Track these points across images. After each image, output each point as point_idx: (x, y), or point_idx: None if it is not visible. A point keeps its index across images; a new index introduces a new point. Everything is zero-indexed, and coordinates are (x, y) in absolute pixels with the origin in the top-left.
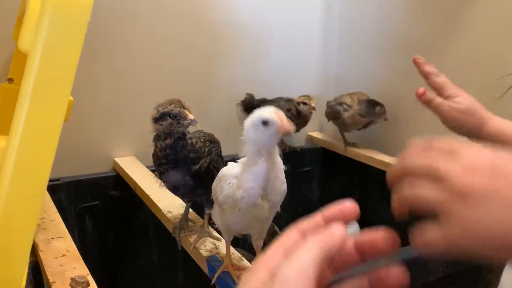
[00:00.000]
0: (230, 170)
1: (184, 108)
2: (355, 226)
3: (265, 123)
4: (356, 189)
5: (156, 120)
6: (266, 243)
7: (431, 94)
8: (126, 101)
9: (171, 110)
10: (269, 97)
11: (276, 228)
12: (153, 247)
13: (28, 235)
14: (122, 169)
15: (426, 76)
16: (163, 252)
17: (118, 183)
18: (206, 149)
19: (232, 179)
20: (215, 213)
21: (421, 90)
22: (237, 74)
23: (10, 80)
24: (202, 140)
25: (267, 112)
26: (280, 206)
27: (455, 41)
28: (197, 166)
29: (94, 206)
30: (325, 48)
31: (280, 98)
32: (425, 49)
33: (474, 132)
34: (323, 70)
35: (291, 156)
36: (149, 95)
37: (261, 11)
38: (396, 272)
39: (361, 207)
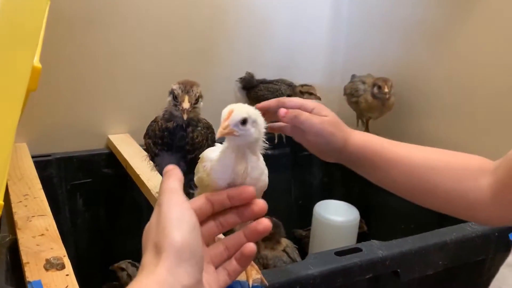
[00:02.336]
0: (209, 153)
1: (187, 93)
2: None
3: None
4: (356, 173)
5: (169, 93)
6: (271, 234)
7: (297, 110)
8: (122, 77)
9: (175, 90)
10: (271, 76)
11: (275, 219)
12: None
13: None
14: (115, 146)
15: (281, 105)
16: None
17: (111, 160)
18: (204, 141)
19: (207, 162)
20: (196, 193)
21: (283, 110)
22: (238, 53)
23: None
24: (203, 132)
25: (225, 109)
26: (280, 191)
27: (470, 24)
28: (193, 155)
29: (86, 183)
30: (333, 32)
31: (282, 81)
32: (439, 34)
33: (339, 146)
34: (329, 56)
35: (291, 139)
36: (146, 72)
37: None
38: (264, 221)
39: (362, 192)
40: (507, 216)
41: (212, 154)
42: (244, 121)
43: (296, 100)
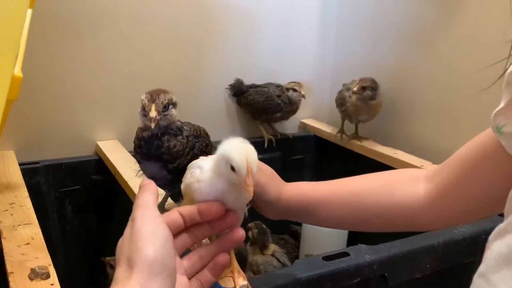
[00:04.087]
0: (196, 161)
1: (153, 102)
2: None
3: (232, 168)
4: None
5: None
6: (256, 240)
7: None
8: (111, 83)
9: (142, 100)
10: (260, 82)
11: (264, 226)
12: None
13: None
14: (104, 153)
15: None
16: None
17: (100, 167)
18: (187, 149)
19: (195, 168)
20: (183, 200)
21: None
22: (227, 58)
23: None
24: (184, 140)
25: (238, 157)
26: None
27: (457, 27)
28: (175, 164)
29: (75, 190)
30: (322, 34)
31: (270, 84)
32: (426, 37)
33: (273, 198)
34: (319, 57)
35: (282, 143)
36: (134, 78)
37: None
38: (238, 231)
39: None
40: (445, 219)
41: (200, 162)
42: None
43: None
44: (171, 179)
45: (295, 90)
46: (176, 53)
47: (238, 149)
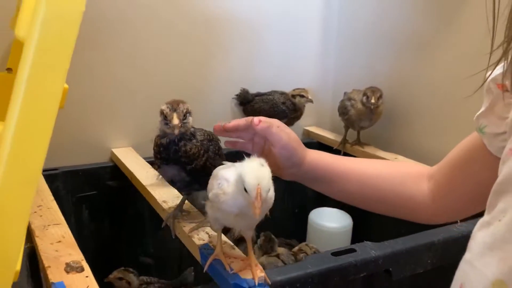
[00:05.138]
0: (223, 171)
1: (175, 111)
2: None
3: (245, 189)
4: None
5: (160, 113)
6: (262, 246)
7: (270, 120)
8: (124, 92)
9: (164, 110)
10: (264, 90)
11: (272, 236)
12: (149, 237)
13: (22, 220)
14: (119, 160)
15: (249, 127)
16: (159, 242)
17: (115, 173)
18: (202, 151)
19: (223, 180)
20: (208, 204)
21: (256, 118)
22: (233, 68)
23: (9, 70)
24: (199, 144)
25: (251, 182)
26: (276, 200)
27: (454, 35)
28: (192, 166)
29: (91, 195)
30: (324, 43)
31: (274, 92)
32: (423, 44)
33: (298, 162)
34: (321, 66)
35: None
36: (146, 88)
37: (259, 3)
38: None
39: None
40: (445, 215)
41: (226, 174)
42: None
43: (262, 117)
44: (189, 181)
45: (302, 96)
46: (185, 65)
47: (253, 174)
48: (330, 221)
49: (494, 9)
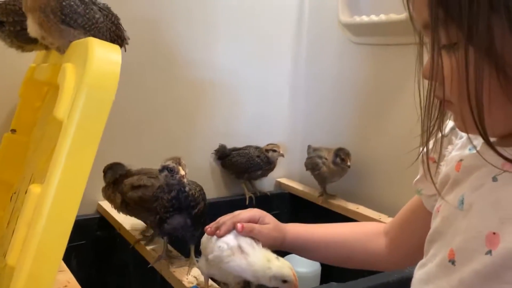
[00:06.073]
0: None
1: (180, 165)
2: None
3: (284, 281)
4: None
5: (159, 171)
6: None
7: (251, 224)
8: (109, 147)
9: (169, 165)
10: (240, 145)
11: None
12: (133, 285)
13: (56, 264)
14: (106, 211)
15: (236, 221)
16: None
17: (102, 224)
18: (201, 197)
19: (223, 244)
20: (202, 262)
21: (239, 225)
22: (214, 126)
23: (13, 131)
24: (197, 189)
25: (289, 272)
26: None
27: (404, 97)
28: (196, 210)
29: (80, 245)
30: (293, 103)
31: (249, 146)
32: (383, 101)
33: (280, 242)
34: (291, 122)
35: (261, 200)
36: (131, 143)
37: (237, 70)
38: None
39: None
40: (398, 263)
41: (226, 238)
42: None
43: (245, 215)
44: (189, 225)
45: (274, 151)
46: (170, 123)
47: (287, 267)
48: (300, 267)
49: (421, 101)
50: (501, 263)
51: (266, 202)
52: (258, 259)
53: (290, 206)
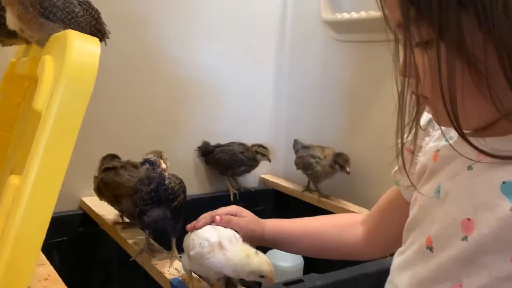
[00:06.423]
0: (203, 232)
1: (161, 158)
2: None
3: (262, 276)
4: None
5: (141, 164)
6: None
7: (229, 216)
8: (92, 143)
9: (150, 158)
10: (224, 142)
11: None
12: (117, 279)
13: (35, 254)
14: (89, 207)
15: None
16: (126, 283)
17: (85, 220)
18: (180, 189)
19: (204, 241)
20: (185, 259)
21: (217, 217)
22: (197, 124)
23: None
24: (177, 182)
25: (268, 269)
26: None
27: (383, 93)
28: (176, 203)
29: (62, 241)
30: (276, 100)
31: (233, 143)
32: (361, 103)
33: (259, 236)
34: (274, 120)
35: (245, 196)
36: (115, 139)
37: (220, 69)
38: None
39: None
40: (377, 252)
41: (206, 234)
42: None
43: (223, 209)
44: (169, 218)
45: (264, 155)
46: (153, 121)
47: (267, 263)
48: (283, 261)
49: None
50: (476, 248)
51: (250, 198)
52: (237, 254)
53: (274, 202)
